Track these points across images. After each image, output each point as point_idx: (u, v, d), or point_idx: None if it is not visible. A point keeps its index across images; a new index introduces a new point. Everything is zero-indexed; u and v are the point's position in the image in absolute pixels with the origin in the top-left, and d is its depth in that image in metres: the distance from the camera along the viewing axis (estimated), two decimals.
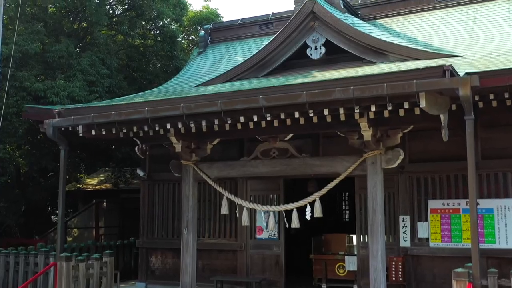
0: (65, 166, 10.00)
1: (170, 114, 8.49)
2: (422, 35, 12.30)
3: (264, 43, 14.82)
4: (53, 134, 9.56)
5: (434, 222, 10.25)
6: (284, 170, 9.53)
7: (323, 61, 11.94)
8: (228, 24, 15.94)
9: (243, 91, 8.06)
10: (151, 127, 8.92)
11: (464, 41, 11.33)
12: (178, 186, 12.24)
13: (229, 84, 12.13)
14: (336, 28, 11.53)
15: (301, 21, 11.87)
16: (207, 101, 8.21)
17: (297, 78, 11.28)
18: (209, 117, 8.40)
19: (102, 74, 14.64)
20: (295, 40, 12.06)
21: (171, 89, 13.42)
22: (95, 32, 15.07)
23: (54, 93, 13.16)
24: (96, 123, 9.12)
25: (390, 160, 8.78)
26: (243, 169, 9.86)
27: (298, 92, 7.53)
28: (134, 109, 8.79)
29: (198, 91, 12.00)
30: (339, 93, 7.29)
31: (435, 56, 10.55)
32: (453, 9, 12.81)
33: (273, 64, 12.30)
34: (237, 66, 12.53)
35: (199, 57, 15.41)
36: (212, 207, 12.23)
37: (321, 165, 9.24)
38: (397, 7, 13.57)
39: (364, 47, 11.37)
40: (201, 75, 14.10)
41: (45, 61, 13.99)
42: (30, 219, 15.76)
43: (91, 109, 9.28)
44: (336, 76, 10.57)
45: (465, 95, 6.69)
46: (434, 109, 7.41)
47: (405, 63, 10.66)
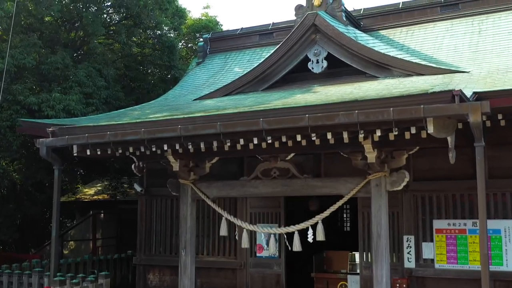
0: (59, 186, 9.70)
1: (167, 136, 8.21)
2: (426, 48, 12.01)
3: (264, 53, 14.57)
4: (46, 154, 9.27)
5: (439, 242, 9.95)
6: (285, 191, 9.25)
7: (325, 74, 11.64)
8: (228, 34, 15.65)
9: (243, 113, 7.76)
10: (147, 147, 8.64)
11: (470, 55, 11.03)
12: (176, 201, 11.93)
13: (229, 98, 11.85)
14: (338, 42, 11.23)
15: (302, 33, 11.58)
16: (205, 122, 7.91)
17: (298, 93, 11.00)
18: (208, 138, 8.11)
19: (99, 85, 14.35)
20: (296, 53, 11.76)
21: (169, 102, 13.13)
22: (92, 42, 14.77)
23: (50, 106, 12.87)
24: (91, 143, 8.85)
25: (395, 183, 8.50)
26: (242, 189, 9.58)
27: (300, 115, 7.23)
28: (130, 129, 8.49)
29: (197, 106, 11.72)
30: (343, 117, 7.00)
31: (440, 72, 10.26)
32: (458, 21, 12.52)
33: (274, 77, 12.00)
34: (237, 80, 12.24)
35: (198, 67, 15.12)
36: (211, 224, 11.93)
37: (323, 186, 8.96)
38: (400, 17, 13.28)
39: (367, 61, 11.07)
40: (200, 87, 13.81)
41: (40, 73, 13.68)
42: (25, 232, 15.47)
43: (86, 128, 8.98)
44: (338, 91, 10.30)
45: (476, 121, 6.40)
46: (441, 133, 7.13)
47: (409, 79, 10.38)
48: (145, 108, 12.85)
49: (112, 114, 12.73)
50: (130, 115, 12.24)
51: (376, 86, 10.25)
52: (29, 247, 16.30)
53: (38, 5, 13.39)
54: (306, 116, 7.17)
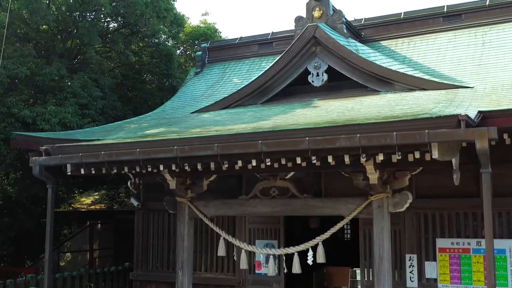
0: (53, 205, 9.47)
1: (163, 157, 7.98)
2: (428, 60, 11.77)
3: (263, 63, 14.34)
4: (39, 173, 9.03)
5: (442, 262, 9.70)
6: (284, 210, 9.03)
7: (325, 87, 11.40)
8: (226, 43, 15.40)
9: (240, 135, 7.52)
10: (143, 167, 8.42)
11: (473, 69, 10.79)
12: (174, 216, 11.65)
13: (227, 112, 11.62)
14: (339, 55, 10.99)
15: (302, 46, 11.33)
16: (202, 144, 7.67)
17: (298, 108, 10.77)
18: (205, 159, 7.88)
19: (95, 96, 14.09)
20: (296, 66, 11.52)
21: (167, 114, 12.89)
22: (88, 52, 14.52)
23: (45, 120, 12.62)
24: (85, 163, 8.62)
25: (397, 204, 8.27)
26: (241, 208, 9.35)
27: (300, 138, 6.99)
28: (125, 149, 8.25)
29: (194, 120, 11.49)
30: (344, 141, 6.76)
31: (443, 87, 10.02)
32: (461, 32, 12.28)
33: (273, 90, 11.75)
34: (235, 93, 12.00)
35: (196, 77, 14.87)
36: (209, 240, 11.68)
37: (324, 206, 8.72)
38: (401, 28, 13.03)
39: (368, 75, 10.83)
40: (198, 98, 13.57)
41: (35, 84, 13.43)
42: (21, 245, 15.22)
43: (79, 148, 8.74)
44: (339, 107, 10.07)
45: (482, 148, 6.16)
46: (446, 156, 6.89)
47: (412, 94, 10.15)
48: (142, 121, 12.62)
49: (107, 127, 12.49)
50: (126, 128, 12.01)
51: (378, 101, 10.01)
52: (25, 259, 16.05)
53: (33, 14, 13.14)
54: (306, 139, 6.93)
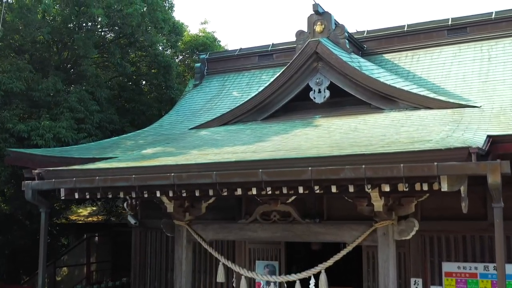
0: (46, 230, 9.17)
1: (159, 183, 7.68)
2: (433, 75, 11.47)
3: (263, 76, 14.05)
4: (32, 197, 8.72)
5: (448, 286, 9.41)
6: (285, 236, 8.73)
7: (327, 104, 11.09)
8: (226, 55, 15.09)
9: (240, 163, 7.21)
10: (138, 194, 8.12)
11: (480, 86, 10.49)
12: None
13: (226, 129, 11.31)
14: (342, 71, 10.69)
15: (303, 62, 11.03)
16: (200, 171, 7.36)
17: (299, 126, 10.47)
18: (203, 187, 7.58)
19: (91, 109, 13.79)
20: (297, 82, 11.22)
21: (164, 130, 12.59)
22: (84, 64, 14.20)
23: (39, 134, 12.32)
24: (79, 188, 8.31)
25: (403, 232, 7.96)
26: (240, 232, 9.05)
27: (302, 167, 6.68)
28: (120, 175, 7.95)
29: (192, 137, 11.20)
30: (349, 172, 6.46)
31: (449, 106, 9.72)
32: (466, 46, 11.98)
33: (274, 107, 11.45)
34: (235, 109, 11.69)
35: (195, 90, 14.56)
36: (209, 261, 11.38)
37: (326, 233, 8.40)
38: (405, 41, 12.74)
39: (372, 92, 10.53)
40: (197, 113, 13.27)
41: (30, 99, 13.12)
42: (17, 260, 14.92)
43: (73, 172, 8.44)
44: (342, 127, 9.77)
45: (494, 182, 5.85)
46: (455, 186, 6.58)
47: (417, 112, 9.84)
48: (139, 137, 12.32)
49: (104, 143, 12.19)
50: (122, 145, 11.72)
51: (382, 121, 9.71)
52: (21, 274, 15.75)
53: (28, 26, 12.82)
54: (309, 169, 6.63)
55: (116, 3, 13.55)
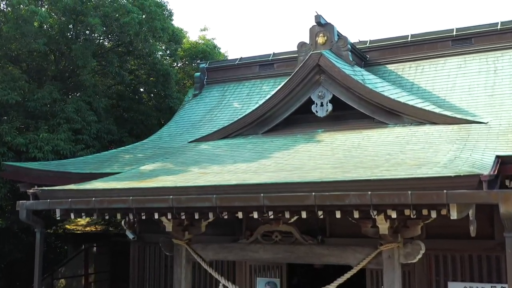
0: (42, 250, 8.93)
1: (157, 206, 7.44)
2: (438, 88, 11.23)
3: (264, 86, 13.80)
4: (26, 218, 8.46)
5: None
6: (287, 257, 8.46)
7: (330, 117, 10.85)
8: (226, 64, 14.84)
9: (241, 186, 6.97)
10: (136, 216, 7.88)
11: (486, 100, 10.24)
12: None
13: (226, 143, 11.07)
14: (345, 85, 10.45)
15: (305, 74, 10.79)
16: (199, 194, 7.13)
17: (301, 141, 10.24)
18: (203, 210, 7.35)
19: (89, 120, 13.54)
20: (299, 95, 10.98)
21: (163, 142, 12.34)
22: (82, 75, 13.96)
23: (37, 147, 12.08)
24: (75, 209, 8.07)
25: (409, 255, 7.72)
26: (241, 253, 8.79)
27: (306, 193, 6.45)
28: (117, 197, 7.70)
29: (192, 151, 10.96)
30: (354, 198, 6.22)
31: (455, 122, 9.48)
32: (471, 57, 11.73)
33: (275, 120, 11.20)
34: (235, 122, 11.44)
35: (194, 100, 14.31)
36: (208, 278, 11.12)
37: (330, 255, 8.14)
38: (408, 51, 12.50)
39: (375, 106, 10.28)
40: (196, 124, 13.02)
41: (26, 110, 12.87)
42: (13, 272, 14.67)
43: (69, 192, 8.20)
44: (345, 143, 9.54)
45: (507, 212, 5.63)
46: (464, 213, 6.35)
47: (422, 128, 9.60)
48: (137, 150, 12.08)
49: (102, 156, 11.95)
50: (120, 159, 11.48)
51: (386, 137, 9.47)
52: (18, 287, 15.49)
53: (24, 37, 12.57)
54: (313, 194, 6.39)
55: (113, 12, 13.29)
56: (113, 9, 13.15)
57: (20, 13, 12.10)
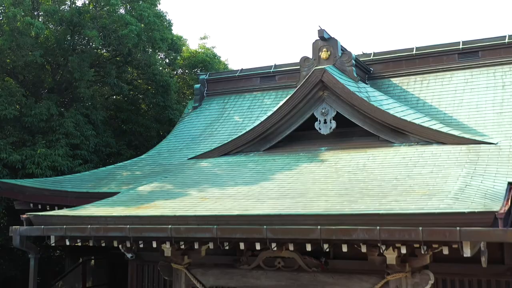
0: (36, 277, 8.61)
1: (155, 235, 7.16)
2: (444, 104, 10.92)
3: (265, 99, 13.50)
4: (20, 244, 8.17)
5: None
6: (290, 285, 8.14)
7: (333, 134, 10.54)
8: (226, 75, 14.50)
9: (243, 217, 6.67)
10: (133, 244, 7.60)
11: (495, 118, 9.93)
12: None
13: (226, 160, 10.76)
14: (349, 102, 10.14)
15: (308, 90, 10.49)
16: (200, 224, 6.84)
17: (304, 160, 9.93)
18: (203, 240, 7.06)
19: (87, 134, 13.24)
20: (302, 112, 10.67)
21: (162, 158, 12.03)
22: (79, 87, 13.65)
23: (35, 163, 11.79)
24: (70, 236, 7.80)
25: (417, 285, 7.42)
26: (243, 279, 8.49)
27: (311, 226, 6.16)
28: (114, 224, 7.42)
29: (191, 170, 10.65)
30: (362, 233, 5.93)
31: (463, 142, 9.17)
32: (478, 71, 11.42)
33: (277, 137, 10.89)
34: (236, 139, 11.13)
35: (194, 113, 13.99)
36: None
37: (335, 283, 7.86)
38: (413, 64, 12.19)
39: (381, 125, 9.97)
40: (196, 139, 12.71)
41: (23, 125, 12.57)
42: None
43: (64, 218, 7.91)
44: (349, 163, 9.23)
45: None
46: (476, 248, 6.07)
47: (429, 148, 9.29)
48: (135, 166, 11.77)
49: (99, 173, 11.65)
50: (118, 176, 11.19)
51: (392, 157, 9.16)
52: None
53: (20, 50, 12.27)
54: (318, 228, 6.11)
55: (111, 23, 12.98)
56: (111, 20, 12.84)
57: (16, 25, 11.80)
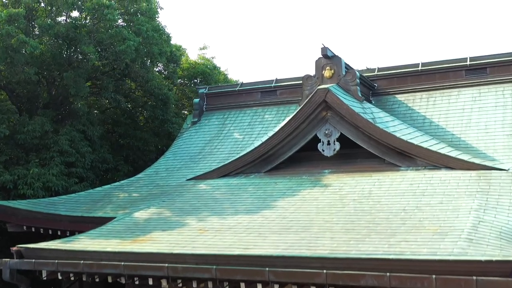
0: None
1: (151, 274, 6.79)
2: (452, 123, 10.54)
3: (266, 115, 13.12)
4: (10, 277, 7.81)
5: None
6: None
7: (337, 155, 10.15)
8: (226, 89, 14.08)
9: (245, 257, 6.31)
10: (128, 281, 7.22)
11: (505, 141, 9.54)
12: None
13: (226, 183, 10.38)
14: (354, 123, 9.77)
15: (311, 111, 10.11)
16: (198, 263, 6.48)
17: (306, 185, 9.57)
18: (202, 280, 6.68)
19: (83, 151, 12.86)
20: (305, 132, 10.30)
21: (160, 178, 11.64)
22: (75, 103, 13.27)
23: (27, 183, 11.43)
24: (62, 271, 7.44)
25: None
26: None
27: (316, 269, 5.80)
28: (108, 261, 7.07)
29: (190, 193, 10.28)
30: (370, 279, 5.57)
31: (473, 167, 8.79)
32: (486, 88, 11.05)
33: (278, 158, 10.51)
34: (236, 160, 10.75)
35: (193, 128, 13.60)
36: None
37: None
38: (419, 80, 11.80)
39: (386, 147, 9.60)
40: (195, 157, 12.32)
41: (16, 143, 12.20)
42: None
43: (56, 252, 7.55)
44: (354, 190, 8.86)
45: None
46: None
47: (437, 174, 8.91)
48: (132, 186, 11.40)
49: (95, 194, 11.27)
50: (114, 199, 10.82)
51: (399, 183, 8.79)
52: None
53: (13, 67, 11.90)
54: (324, 272, 5.76)
55: (108, 38, 12.59)
56: (108, 35, 12.45)
57: (10, 42, 11.42)
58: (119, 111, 15.54)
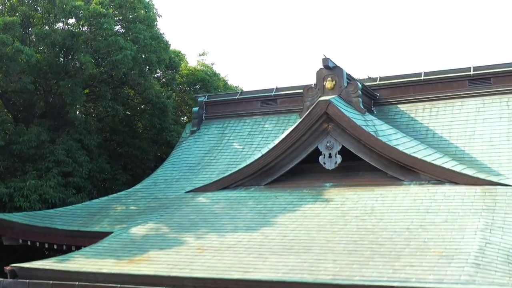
0: None
1: None
2: (455, 135, 10.35)
3: (266, 124, 12.93)
4: None
5: None
6: None
7: (338, 168, 9.96)
8: (226, 98, 13.89)
9: (244, 281, 6.12)
10: None
11: (510, 154, 9.35)
12: None
13: (225, 196, 10.21)
14: (355, 136, 9.58)
15: (312, 123, 9.94)
16: (197, 287, 6.26)
17: (308, 199, 9.39)
18: None
19: (80, 161, 12.66)
20: (306, 144, 10.12)
21: (158, 190, 11.45)
22: (71, 112, 13.07)
23: (23, 196, 11.25)
24: None
25: None
26: None
27: None
28: (104, 282, 6.86)
29: (188, 206, 10.10)
30: None
31: (478, 183, 8.61)
32: (490, 99, 10.86)
33: (279, 171, 10.33)
34: (236, 172, 10.57)
35: (192, 137, 13.40)
36: None
37: None
38: (422, 90, 11.62)
39: (389, 161, 9.41)
40: (194, 168, 12.12)
41: (12, 153, 12.01)
42: None
43: (51, 272, 7.36)
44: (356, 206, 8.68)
45: None
46: None
47: (441, 189, 8.72)
48: (130, 199, 11.21)
49: (92, 206, 11.09)
50: (111, 211, 10.66)
51: (402, 199, 8.60)
52: None
53: (9, 76, 11.71)
54: None
55: (105, 47, 12.39)
56: (105, 44, 12.25)
57: (5, 51, 11.24)
58: (117, 119, 15.33)
